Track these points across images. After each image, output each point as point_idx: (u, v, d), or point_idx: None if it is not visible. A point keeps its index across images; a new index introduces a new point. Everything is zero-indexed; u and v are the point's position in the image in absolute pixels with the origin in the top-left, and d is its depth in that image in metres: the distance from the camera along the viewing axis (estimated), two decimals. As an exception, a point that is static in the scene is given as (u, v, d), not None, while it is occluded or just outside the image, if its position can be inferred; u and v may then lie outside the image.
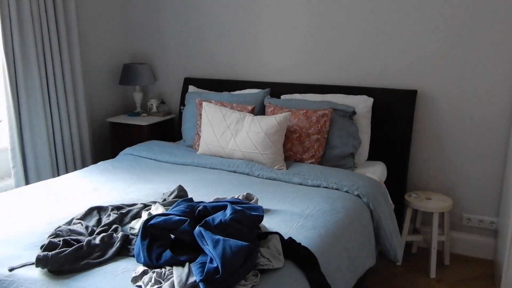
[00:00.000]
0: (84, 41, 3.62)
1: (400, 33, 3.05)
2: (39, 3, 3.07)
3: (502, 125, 2.89)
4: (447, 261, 3.01)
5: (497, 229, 3.00)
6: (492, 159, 2.95)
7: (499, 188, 2.97)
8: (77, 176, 2.77)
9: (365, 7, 3.11)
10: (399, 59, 3.08)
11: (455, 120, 3.01)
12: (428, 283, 2.80)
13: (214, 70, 3.72)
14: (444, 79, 2.99)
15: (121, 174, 2.78)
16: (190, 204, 1.95)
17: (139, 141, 3.51)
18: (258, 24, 3.48)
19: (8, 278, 1.66)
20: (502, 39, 2.80)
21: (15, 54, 2.97)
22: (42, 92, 3.15)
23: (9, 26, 2.93)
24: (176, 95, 3.91)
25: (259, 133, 2.85)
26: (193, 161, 2.98)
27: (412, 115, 3.01)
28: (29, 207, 2.27)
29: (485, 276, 2.87)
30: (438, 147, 3.09)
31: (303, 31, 3.31)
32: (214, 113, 3.08)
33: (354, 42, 3.17)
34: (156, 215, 1.84)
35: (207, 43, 3.71)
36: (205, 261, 1.62)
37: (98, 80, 3.85)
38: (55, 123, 3.27)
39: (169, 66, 3.93)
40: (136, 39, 4.01)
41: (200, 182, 2.61)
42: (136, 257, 1.73)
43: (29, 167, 3.12)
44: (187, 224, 1.77)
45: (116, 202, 2.30)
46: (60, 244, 1.77)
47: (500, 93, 2.86)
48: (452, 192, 3.07)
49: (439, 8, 2.92)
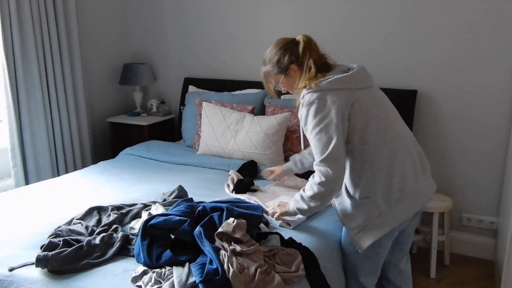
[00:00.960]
0: (84, 41, 3.62)
1: (400, 33, 3.05)
2: (39, 3, 3.07)
3: (502, 125, 2.89)
4: (447, 261, 3.01)
5: (497, 229, 3.00)
6: (492, 159, 2.95)
7: (499, 188, 2.97)
8: (77, 176, 2.77)
9: (366, 8, 3.11)
10: (399, 59, 3.08)
11: (455, 120, 3.01)
12: (428, 283, 2.80)
13: (214, 70, 3.72)
14: (444, 79, 2.99)
15: (121, 174, 2.78)
16: (190, 204, 1.95)
17: (139, 141, 3.51)
18: (259, 24, 3.48)
19: (8, 278, 1.66)
20: (502, 39, 2.79)
21: (15, 54, 2.97)
22: (42, 92, 3.15)
23: (9, 26, 2.93)
24: (176, 95, 3.91)
25: (259, 133, 2.85)
26: (193, 161, 2.98)
27: (412, 115, 3.01)
28: (29, 207, 2.27)
29: (485, 276, 2.87)
30: (438, 147, 3.08)
31: (303, 31, 3.30)
32: (214, 113, 3.08)
33: (354, 42, 3.17)
34: (156, 215, 1.84)
35: (207, 43, 3.71)
36: (205, 261, 1.62)
37: (98, 80, 3.85)
38: (55, 123, 3.27)
39: (169, 66, 3.93)
40: (136, 39, 4.01)
41: (200, 182, 2.61)
42: (136, 257, 1.73)
43: (29, 167, 3.12)
44: (187, 224, 1.77)
45: (116, 202, 2.30)
46: (60, 244, 1.77)
47: (500, 93, 2.86)
48: (452, 192, 3.07)
49: (439, 8, 2.91)
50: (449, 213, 2.95)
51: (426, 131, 3.09)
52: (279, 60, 1.91)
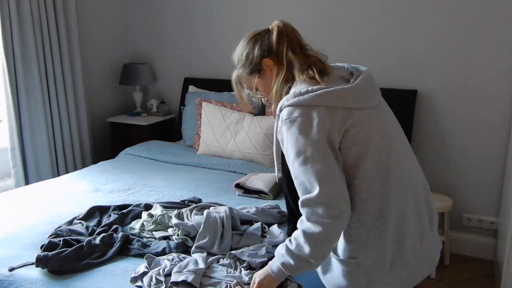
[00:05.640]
0: (84, 41, 3.62)
1: (400, 33, 3.05)
2: (39, 3, 3.07)
3: (502, 125, 2.89)
4: (447, 261, 3.01)
5: (497, 229, 3.00)
6: (492, 159, 2.95)
7: (499, 188, 2.97)
8: (77, 176, 2.77)
9: (365, 7, 3.11)
10: (399, 59, 3.08)
11: (455, 120, 3.01)
12: (428, 283, 2.80)
13: (214, 70, 3.72)
14: (444, 79, 2.99)
15: (121, 174, 2.78)
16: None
17: (139, 141, 3.51)
18: (259, 24, 3.46)
19: (8, 278, 1.66)
20: (502, 40, 2.79)
21: (15, 54, 2.97)
22: (42, 92, 3.15)
23: (9, 26, 2.93)
24: (176, 95, 3.91)
25: (259, 133, 2.85)
26: (193, 161, 2.98)
27: (412, 115, 3.01)
28: (29, 207, 2.27)
29: (485, 276, 2.87)
30: (438, 147, 3.08)
31: (303, 31, 3.31)
32: (213, 113, 3.08)
33: (354, 43, 3.17)
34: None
35: (207, 43, 3.71)
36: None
37: (98, 80, 3.85)
38: (55, 123, 3.27)
39: (169, 66, 3.93)
40: (136, 39, 4.01)
41: (200, 182, 2.61)
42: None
43: (29, 167, 3.12)
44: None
45: (116, 202, 2.30)
46: (60, 244, 1.77)
47: (500, 93, 2.86)
48: (452, 192, 3.07)
49: (439, 8, 2.91)
50: (449, 213, 2.95)
51: (426, 131, 3.09)
52: (248, 56, 1.50)
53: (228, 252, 1.74)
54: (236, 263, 1.68)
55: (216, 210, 1.97)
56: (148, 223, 1.99)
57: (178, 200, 2.27)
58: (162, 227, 1.97)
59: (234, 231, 1.87)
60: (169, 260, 1.68)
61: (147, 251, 1.79)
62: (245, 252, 1.72)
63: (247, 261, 1.67)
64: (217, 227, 1.83)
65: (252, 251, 1.73)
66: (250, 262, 1.67)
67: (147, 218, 2.03)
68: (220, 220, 1.85)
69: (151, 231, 1.95)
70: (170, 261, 1.67)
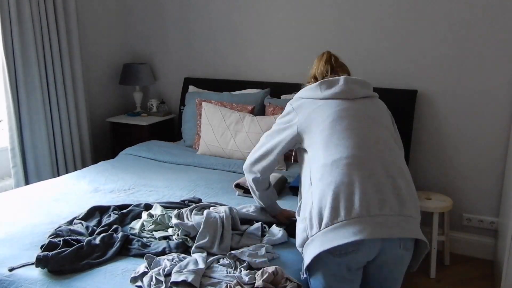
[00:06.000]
0: (84, 41, 3.62)
1: (401, 33, 3.05)
2: (39, 3, 3.07)
3: (502, 125, 2.89)
4: (447, 261, 3.01)
5: (497, 229, 3.00)
6: (492, 159, 2.95)
7: (499, 188, 2.97)
8: (77, 176, 2.77)
9: (366, 8, 3.11)
10: (399, 59, 3.08)
11: (455, 120, 3.01)
12: (428, 283, 2.80)
13: (214, 70, 3.72)
14: (444, 79, 2.99)
15: (121, 174, 2.78)
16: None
17: (139, 141, 3.51)
18: (259, 24, 3.48)
19: (8, 278, 1.66)
20: (502, 40, 2.79)
21: (15, 54, 2.97)
22: (42, 92, 3.15)
23: (9, 26, 2.93)
24: (176, 95, 3.91)
25: (259, 133, 2.85)
26: (193, 161, 2.98)
27: (412, 115, 3.01)
28: (29, 207, 2.27)
29: (485, 276, 2.87)
30: (438, 147, 3.09)
31: (303, 31, 3.31)
32: (213, 114, 3.08)
33: (354, 43, 3.17)
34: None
35: (207, 43, 3.71)
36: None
37: (98, 80, 3.85)
38: (55, 123, 3.27)
39: (169, 66, 3.93)
40: (136, 39, 4.01)
41: (200, 182, 2.61)
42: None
43: (29, 167, 3.12)
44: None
45: (116, 202, 2.30)
46: (60, 244, 1.77)
47: (500, 93, 2.86)
48: (452, 192, 3.07)
49: (440, 8, 2.91)
50: (449, 213, 2.95)
51: (426, 131, 3.09)
52: None
53: (228, 252, 1.74)
54: (236, 263, 1.68)
55: (216, 210, 1.97)
56: (148, 223, 1.99)
57: (178, 200, 2.27)
58: (162, 227, 1.97)
59: (234, 231, 1.87)
60: (169, 260, 1.68)
61: (147, 251, 1.79)
62: (245, 252, 1.72)
63: (247, 261, 1.67)
64: (217, 227, 1.83)
65: (252, 251, 1.74)
66: (250, 262, 1.67)
67: (147, 218, 2.04)
68: (220, 220, 1.85)
69: (151, 231, 1.96)
70: (170, 261, 1.67)
